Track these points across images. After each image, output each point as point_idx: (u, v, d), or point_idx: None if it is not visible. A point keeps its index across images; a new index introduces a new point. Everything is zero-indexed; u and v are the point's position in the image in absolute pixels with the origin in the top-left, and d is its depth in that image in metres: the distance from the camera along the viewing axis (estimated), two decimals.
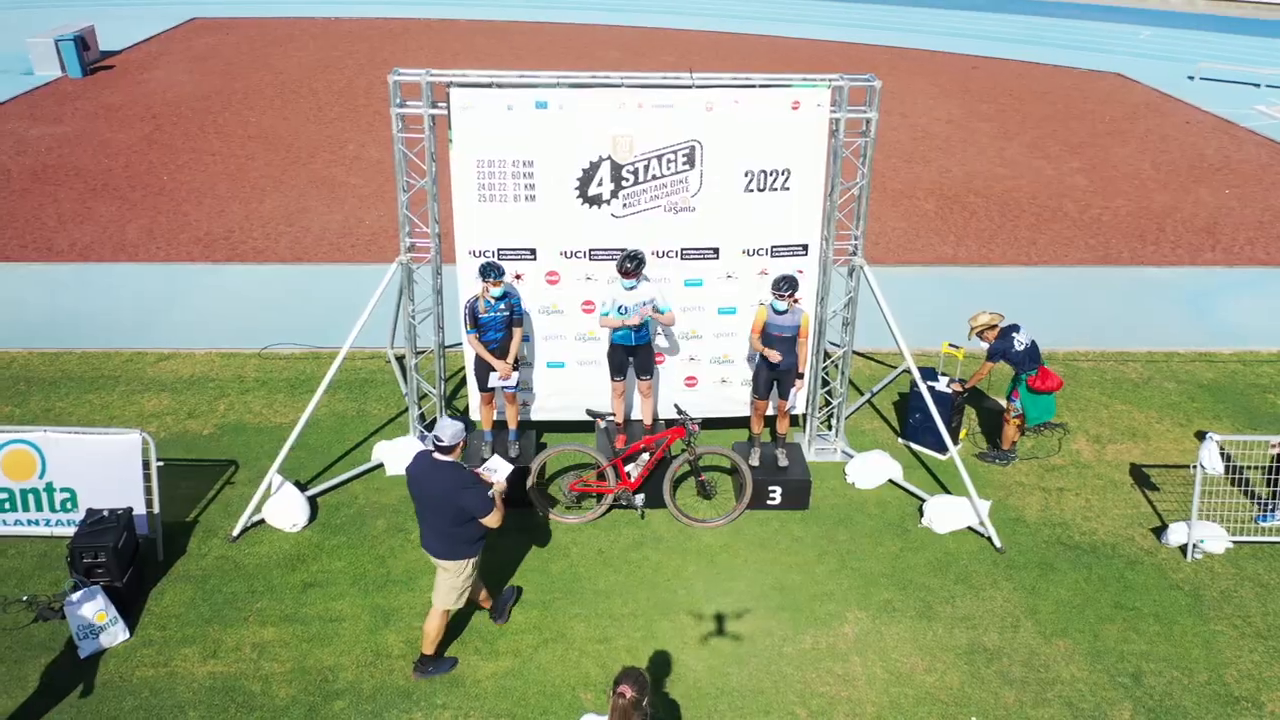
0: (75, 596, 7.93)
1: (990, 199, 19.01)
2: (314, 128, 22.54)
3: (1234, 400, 12.19)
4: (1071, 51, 32.82)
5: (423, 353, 10.64)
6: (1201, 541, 9.36)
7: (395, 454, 10.43)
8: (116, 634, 8.06)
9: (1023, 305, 13.17)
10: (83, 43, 26.99)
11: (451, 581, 7.55)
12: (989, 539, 9.50)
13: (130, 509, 8.62)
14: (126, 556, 8.34)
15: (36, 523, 8.99)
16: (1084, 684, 7.99)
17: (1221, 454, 9.67)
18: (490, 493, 7.32)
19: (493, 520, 7.30)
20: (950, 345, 11.15)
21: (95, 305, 13.94)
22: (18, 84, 25.58)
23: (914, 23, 37.48)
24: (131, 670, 7.87)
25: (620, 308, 9.34)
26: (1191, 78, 29.19)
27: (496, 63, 27.93)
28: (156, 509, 9.00)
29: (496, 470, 7.65)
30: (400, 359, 11.98)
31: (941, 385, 10.71)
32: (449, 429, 7.24)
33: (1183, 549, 9.44)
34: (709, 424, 10.31)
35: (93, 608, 7.91)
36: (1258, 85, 28.26)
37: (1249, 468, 10.33)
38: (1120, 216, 18.33)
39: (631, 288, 9.22)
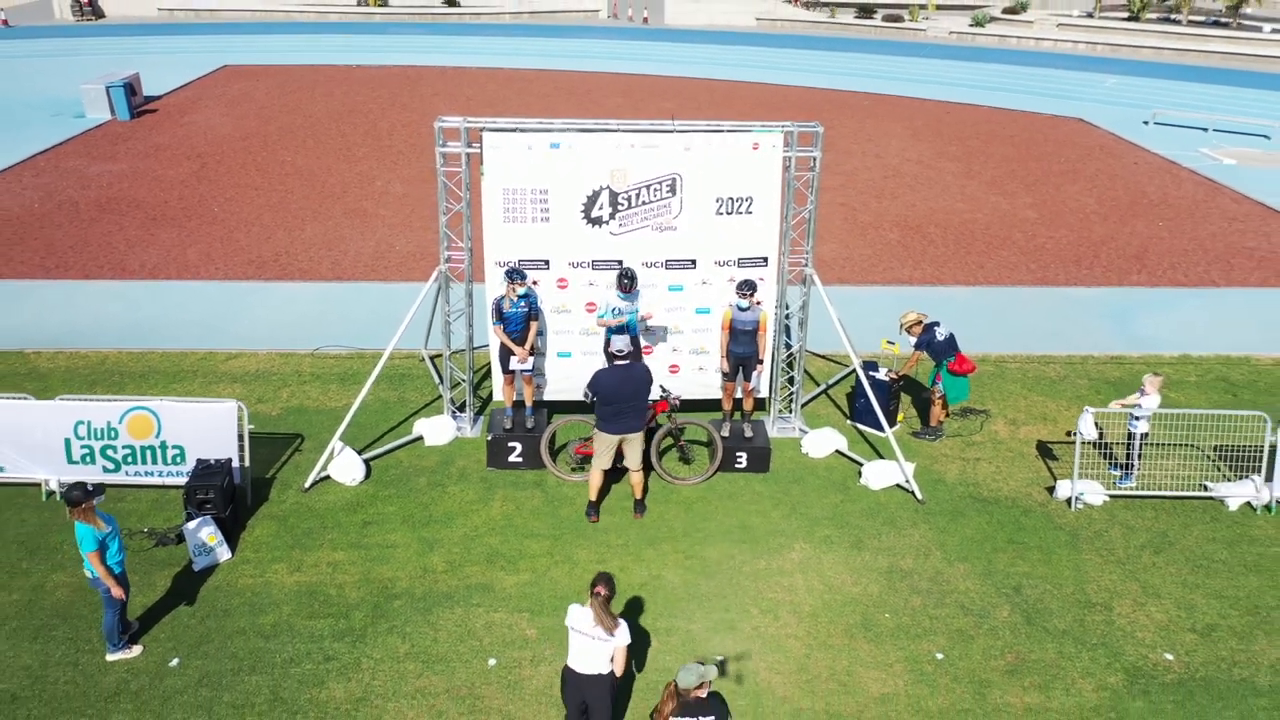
0: (191, 524, 10.22)
1: (948, 229, 21.43)
2: (344, 165, 25.07)
3: (1133, 392, 14.45)
4: (1039, 98, 35.47)
5: (447, 354, 12.96)
6: (1082, 494, 11.65)
7: (432, 429, 12.75)
8: (222, 554, 10.34)
9: (965, 318, 15.52)
10: (130, 89, 29.67)
11: (641, 445, 10.89)
12: (913, 493, 11.78)
13: (229, 460, 10.93)
14: (228, 495, 10.63)
15: (152, 474, 11.28)
16: (975, 593, 10.24)
17: (1096, 425, 11.93)
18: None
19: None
20: (888, 342, 13.48)
21: (169, 315, 16.29)
22: (72, 126, 28.24)
23: (895, 71, 40.24)
24: (235, 579, 10.14)
25: (614, 310, 11.72)
26: (1146, 123, 31.72)
27: (505, 106, 30.53)
28: (247, 463, 11.31)
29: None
30: (434, 358, 14.31)
31: (881, 375, 13.03)
32: (620, 341, 10.81)
33: (1068, 501, 11.72)
34: (688, 404, 12.59)
35: (205, 532, 10.19)
36: (1205, 130, 30.81)
37: (1115, 444, 12.61)
38: (1062, 245, 20.74)
39: (625, 298, 11.61)
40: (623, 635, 7.69)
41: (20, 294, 16.95)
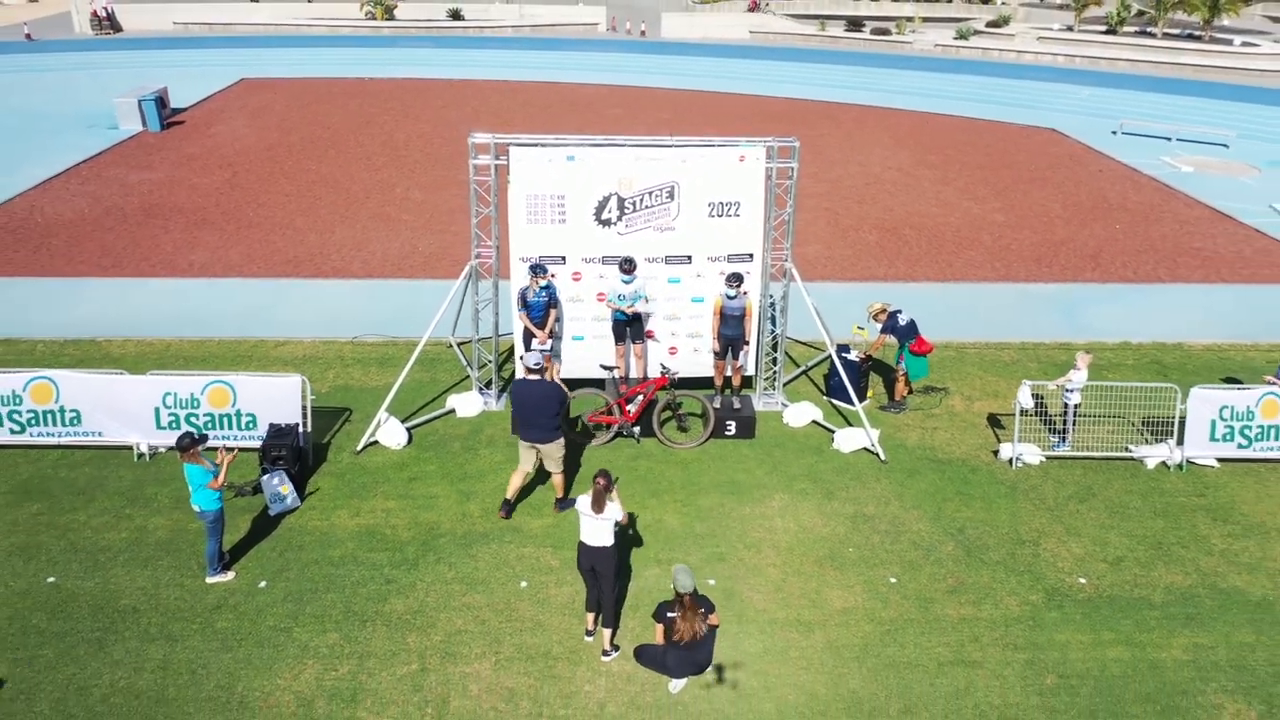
0: (267, 476, 12.17)
1: (922, 231, 23.42)
2: (366, 174, 27.03)
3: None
4: (1016, 109, 37.45)
5: (475, 339, 14.93)
6: (1021, 455, 13.63)
7: (462, 403, 14.72)
8: (293, 501, 12.29)
9: (932, 310, 17.44)
10: (160, 101, 31.60)
11: (557, 453, 12.04)
12: (877, 454, 13.76)
13: (296, 425, 12.88)
14: (296, 454, 12.60)
15: (228, 438, 13.20)
16: (926, 533, 12.22)
17: (1034, 395, 13.92)
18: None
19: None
20: (858, 327, 15.46)
21: (220, 308, 18.25)
22: (106, 137, 30.14)
23: (881, 83, 42.22)
24: (305, 522, 12.10)
25: (619, 295, 13.70)
26: (1115, 132, 33.71)
27: (511, 117, 32.48)
28: (309, 428, 13.26)
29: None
30: (461, 345, 16.26)
31: (851, 356, 15.02)
32: (533, 358, 11.96)
33: (1010, 461, 13.70)
34: (684, 381, 14.56)
35: (279, 482, 12.14)
36: (1169, 139, 32.77)
37: (1055, 415, 14.59)
38: (1025, 245, 22.73)
39: (627, 281, 13.59)
40: (615, 512, 9.96)
41: (85, 290, 18.90)
